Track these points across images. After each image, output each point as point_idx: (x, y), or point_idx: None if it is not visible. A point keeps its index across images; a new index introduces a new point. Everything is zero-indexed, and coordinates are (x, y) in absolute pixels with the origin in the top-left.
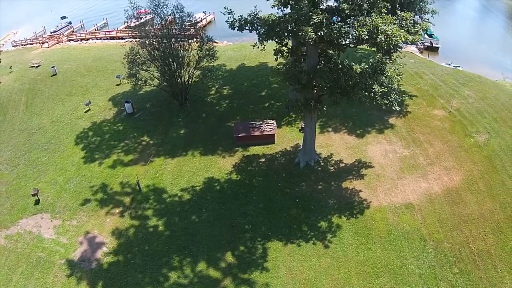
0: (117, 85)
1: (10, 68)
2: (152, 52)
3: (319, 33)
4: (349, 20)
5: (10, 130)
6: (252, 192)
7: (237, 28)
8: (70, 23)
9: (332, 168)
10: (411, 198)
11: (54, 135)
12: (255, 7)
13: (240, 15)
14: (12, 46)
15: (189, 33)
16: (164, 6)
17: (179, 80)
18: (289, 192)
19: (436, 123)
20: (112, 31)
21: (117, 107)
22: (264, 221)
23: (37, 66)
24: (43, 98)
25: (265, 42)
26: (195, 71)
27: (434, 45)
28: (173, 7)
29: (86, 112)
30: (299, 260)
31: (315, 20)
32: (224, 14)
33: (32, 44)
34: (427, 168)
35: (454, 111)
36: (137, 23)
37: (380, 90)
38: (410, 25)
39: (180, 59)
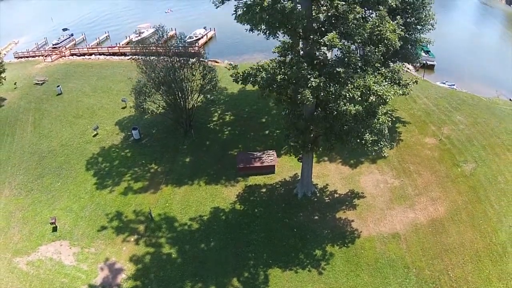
0: (123, 108)
1: (15, 84)
2: (158, 85)
3: (317, 95)
4: (343, 79)
5: (20, 152)
6: (255, 222)
7: (240, 82)
8: (72, 35)
9: (327, 198)
10: (398, 228)
11: (65, 159)
12: (257, 62)
13: (244, 71)
14: (15, 57)
15: (192, 61)
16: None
17: (184, 107)
18: (288, 222)
19: (426, 152)
20: (114, 46)
21: (124, 132)
22: (265, 249)
23: (41, 83)
24: (50, 119)
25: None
26: (198, 97)
27: (430, 63)
28: (176, 37)
29: (94, 136)
30: (296, 286)
31: (313, 84)
32: (229, 70)
33: (34, 57)
34: (414, 199)
35: (444, 138)
36: (138, 38)
37: (371, 139)
38: (402, 77)
39: (184, 91)
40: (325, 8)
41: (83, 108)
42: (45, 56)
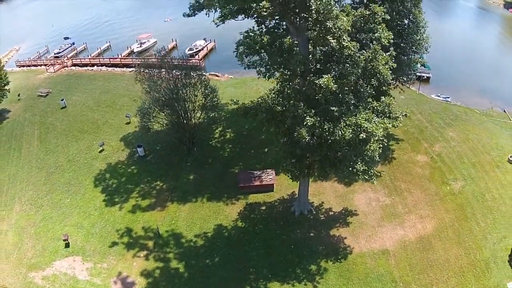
0: (127, 123)
1: (18, 95)
2: (162, 106)
3: (312, 132)
4: (336, 117)
5: (28, 167)
6: (255, 239)
7: (241, 114)
8: (74, 43)
9: (322, 216)
10: (388, 244)
11: (73, 175)
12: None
13: (243, 103)
14: (17, 66)
15: (193, 80)
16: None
17: (187, 126)
18: (286, 239)
19: (417, 170)
20: (116, 58)
21: (129, 148)
22: (265, 264)
23: (45, 95)
24: (56, 134)
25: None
26: (200, 115)
27: (425, 75)
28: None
29: (100, 152)
30: None
31: (308, 123)
32: (233, 101)
33: (36, 66)
34: (404, 217)
35: (436, 156)
36: (139, 48)
37: (362, 168)
38: (392, 110)
39: (187, 110)
40: (320, 47)
41: (88, 123)
42: (47, 66)
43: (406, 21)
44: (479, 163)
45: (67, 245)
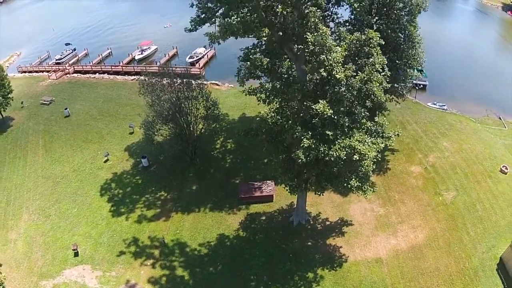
0: (130, 133)
1: (22, 103)
2: (166, 120)
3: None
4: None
5: (34, 177)
6: (256, 248)
7: (242, 135)
8: (75, 49)
9: (319, 226)
10: (381, 253)
11: (79, 185)
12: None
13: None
14: (18, 71)
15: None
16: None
17: (189, 138)
18: (284, 247)
19: (411, 181)
20: (117, 66)
21: (133, 158)
22: (265, 272)
23: (48, 103)
24: (60, 143)
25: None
26: (202, 127)
27: (422, 83)
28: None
29: (105, 162)
30: None
31: (305, 145)
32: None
33: (38, 72)
34: (397, 226)
35: (429, 167)
36: (141, 56)
37: (356, 184)
38: (385, 129)
39: (190, 123)
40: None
41: (92, 133)
42: (49, 73)
43: (401, 36)
44: (471, 173)
45: (76, 254)
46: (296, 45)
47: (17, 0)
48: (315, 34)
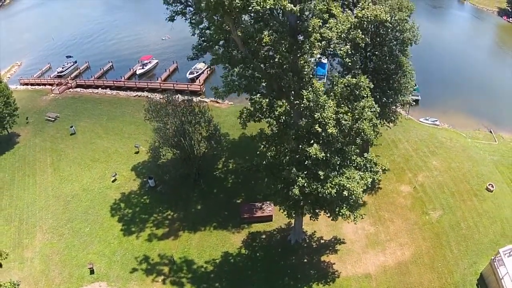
0: (136, 153)
1: (27, 119)
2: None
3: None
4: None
5: (45, 195)
6: (257, 265)
7: (245, 170)
8: (76, 62)
9: (315, 244)
10: (370, 269)
11: (89, 205)
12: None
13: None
14: (20, 84)
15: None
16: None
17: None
18: (283, 264)
19: (400, 200)
20: (120, 80)
21: (140, 178)
22: (266, 287)
23: (53, 120)
24: (68, 162)
25: None
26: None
27: (414, 97)
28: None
29: (113, 182)
30: None
31: (300, 184)
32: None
33: (40, 85)
34: (386, 244)
35: (418, 186)
36: (142, 70)
37: (347, 213)
38: (373, 165)
39: (194, 147)
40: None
41: (98, 151)
42: (52, 87)
43: (392, 68)
44: (458, 192)
45: (92, 272)
46: (292, 98)
47: (15, 5)
48: (309, 89)
